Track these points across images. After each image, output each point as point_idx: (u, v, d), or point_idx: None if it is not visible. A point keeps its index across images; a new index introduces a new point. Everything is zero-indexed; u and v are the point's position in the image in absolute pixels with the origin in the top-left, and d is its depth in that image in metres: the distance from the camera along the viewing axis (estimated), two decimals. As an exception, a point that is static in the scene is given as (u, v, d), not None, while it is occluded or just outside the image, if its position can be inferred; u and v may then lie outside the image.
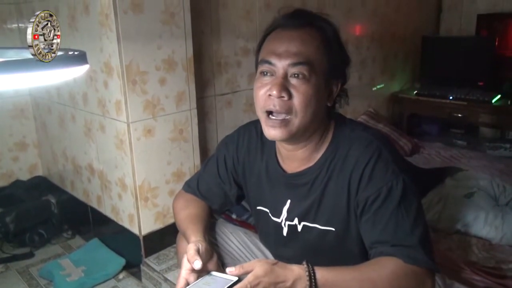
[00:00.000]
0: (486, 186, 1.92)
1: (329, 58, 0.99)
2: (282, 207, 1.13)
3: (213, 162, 1.26)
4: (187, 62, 1.84)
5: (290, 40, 0.97)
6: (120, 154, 1.80)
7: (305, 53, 0.95)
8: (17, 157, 2.48)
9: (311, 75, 0.95)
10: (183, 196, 1.30)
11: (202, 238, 1.08)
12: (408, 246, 0.93)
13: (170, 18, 1.75)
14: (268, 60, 0.97)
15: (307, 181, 1.06)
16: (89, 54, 1.89)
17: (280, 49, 0.96)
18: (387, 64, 3.27)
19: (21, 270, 2.03)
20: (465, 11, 3.40)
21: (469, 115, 2.95)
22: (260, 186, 1.18)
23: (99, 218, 2.11)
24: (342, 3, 2.73)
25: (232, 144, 1.23)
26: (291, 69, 0.95)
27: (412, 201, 0.97)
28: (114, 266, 1.94)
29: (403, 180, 0.96)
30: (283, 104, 0.95)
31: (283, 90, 0.94)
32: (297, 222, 1.10)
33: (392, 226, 0.95)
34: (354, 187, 0.99)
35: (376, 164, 0.97)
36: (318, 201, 1.05)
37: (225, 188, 1.25)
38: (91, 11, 1.73)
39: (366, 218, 0.98)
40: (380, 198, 0.96)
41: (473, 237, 1.78)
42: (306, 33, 0.98)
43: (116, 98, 1.72)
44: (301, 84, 0.95)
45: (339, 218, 1.03)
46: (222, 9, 2.10)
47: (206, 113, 2.14)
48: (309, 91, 0.95)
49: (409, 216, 0.95)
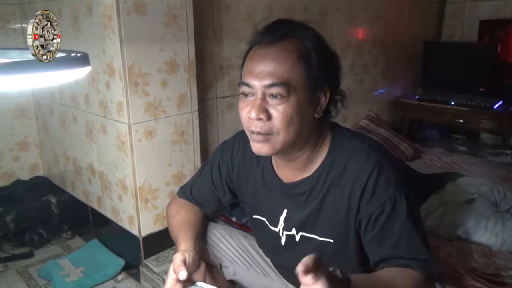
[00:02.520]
0: (487, 192, 1.92)
1: (310, 71, 0.95)
2: (279, 216, 1.12)
3: (207, 169, 1.26)
4: (189, 64, 1.84)
5: (265, 59, 0.94)
6: (121, 155, 1.80)
7: (281, 73, 0.93)
8: (18, 156, 2.48)
9: (290, 94, 0.93)
10: (177, 201, 1.29)
11: (191, 247, 1.07)
12: (423, 260, 0.92)
13: (173, 20, 1.75)
14: (246, 82, 0.96)
15: (304, 191, 1.05)
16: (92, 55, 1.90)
17: (256, 70, 0.94)
18: (389, 68, 3.27)
19: (20, 270, 2.03)
20: (467, 17, 3.41)
21: (470, 121, 2.94)
22: (256, 194, 1.17)
23: (99, 219, 2.11)
24: (344, 8, 2.73)
25: (227, 151, 1.22)
26: (268, 90, 0.93)
27: (416, 214, 0.97)
28: (114, 267, 1.93)
29: (405, 193, 0.96)
30: (263, 125, 0.95)
31: (261, 113, 0.93)
32: (294, 232, 1.10)
33: (404, 241, 0.93)
34: (355, 201, 0.98)
35: (378, 179, 0.96)
36: (316, 212, 1.04)
37: (218, 195, 1.25)
38: (94, 13, 1.73)
39: (372, 235, 0.96)
40: (384, 213, 0.95)
41: (473, 243, 1.78)
42: (282, 49, 0.94)
43: (117, 100, 1.73)
44: (279, 104, 0.93)
45: (338, 231, 1.03)
46: (225, 12, 2.10)
47: (207, 116, 2.14)
48: (288, 110, 0.93)
49: (418, 229, 0.95)
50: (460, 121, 2.97)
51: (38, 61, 0.58)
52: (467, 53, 3.16)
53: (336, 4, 2.67)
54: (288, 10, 2.39)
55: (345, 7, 2.74)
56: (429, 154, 2.89)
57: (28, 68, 0.56)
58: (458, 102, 2.96)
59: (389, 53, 3.21)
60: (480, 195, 1.91)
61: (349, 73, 2.86)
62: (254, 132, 0.96)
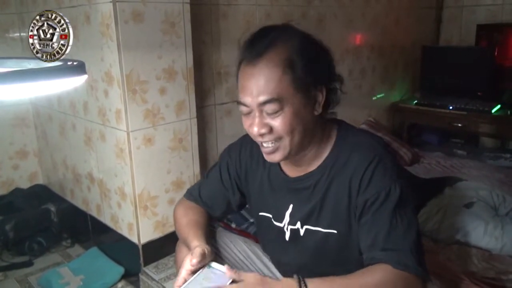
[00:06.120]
0: (486, 196, 1.92)
1: (299, 77, 0.97)
2: (285, 211, 1.15)
3: (216, 170, 1.29)
4: (187, 71, 1.85)
5: (253, 78, 0.97)
6: (120, 163, 1.80)
7: (271, 89, 0.95)
8: (18, 165, 2.49)
9: (283, 106, 0.97)
10: (184, 203, 1.31)
11: (205, 243, 1.09)
12: (398, 251, 0.95)
13: (171, 28, 1.76)
14: (242, 102, 1.00)
15: (309, 185, 1.09)
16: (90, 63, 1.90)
17: (248, 89, 0.98)
18: (387, 73, 3.28)
19: (20, 278, 2.02)
20: (465, 21, 3.43)
21: (469, 125, 2.95)
22: (262, 192, 1.20)
23: (98, 227, 2.10)
24: (342, 14, 2.75)
25: (235, 152, 1.26)
26: (262, 107, 0.98)
27: (407, 208, 1.00)
28: (113, 275, 1.93)
29: (400, 185, 1.00)
30: (268, 137, 1.00)
31: (262, 128, 0.98)
32: (299, 226, 1.12)
33: (385, 229, 0.97)
34: (355, 189, 1.02)
35: (376, 169, 1.00)
36: (320, 204, 1.07)
37: (228, 195, 1.27)
38: (92, 21, 1.74)
39: (364, 220, 1.01)
40: (378, 201, 0.99)
41: (473, 247, 1.78)
42: (267, 64, 0.96)
43: (116, 107, 1.73)
44: (276, 117, 0.98)
45: (341, 221, 1.06)
46: (223, 19, 2.12)
47: (206, 122, 2.14)
48: (286, 119, 0.98)
49: (403, 221, 0.98)
50: (458, 125, 2.98)
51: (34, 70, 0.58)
52: (465, 58, 3.18)
53: (334, 10, 2.69)
54: (286, 16, 2.40)
55: (343, 13, 2.76)
56: (428, 159, 2.89)
57: (24, 77, 0.56)
58: (456, 107, 2.97)
59: (387, 59, 3.23)
60: (479, 199, 1.91)
61: (348, 78, 2.86)
62: (263, 144, 1.03)
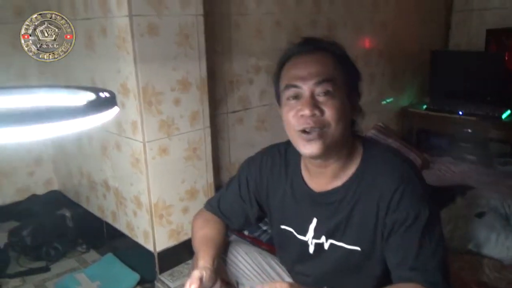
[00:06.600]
0: (497, 206, 1.94)
1: (346, 75, 1.05)
2: (308, 225, 1.15)
3: (235, 183, 1.30)
4: (201, 82, 1.88)
5: (308, 63, 1.03)
6: (136, 172, 1.84)
7: (326, 72, 1.02)
8: (33, 171, 2.53)
9: (335, 91, 1.01)
10: (203, 215, 1.33)
11: (209, 264, 1.11)
12: (428, 270, 0.98)
13: (185, 40, 1.79)
14: (294, 84, 1.03)
15: (335, 200, 1.10)
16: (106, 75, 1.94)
17: (302, 73, 1.02)
18: (396, 78, 3.29)
19: (37, 284, 2.07)
20: (474, 26, 3.42)
21: (478, 131, 2.96)
22: (284, 205, 1.21)
23: (114, 233, 2.14)
24: (352, 20, 2.76)
25: (255, 166, 1.27)
26: (316, 88, 1.01)
27: (435, 229, 1.02)
28: (129, 281, 1.97)
29: (430, 207, 1.01)
30: (316, 120, 1.00)
31: (314, 109, 0.99)
32: (324, 240, 1.13)
33: (415, 249, 0.99)
34: (383, 210, 1.03)
35: (406, 190, 1.01)
36: (345, 221, 1.08)
37: (246, 208, 1.29)
38: (108, 34, 1.78)
39: (393, 239, 1.02)
40: (407, 222, 1.00)
41: (484, 257, 1.79)
42: (322, 55, 1.05)
43: (132, 119, 1.77)
44: (328, 99, 1.01)
45: (365, 239, 1.07)
46: (235, 29, 2.15)
47: (218, 131, 2.18)
48: (338, 104, 1.01)
49: (432, 241, 1.00)
50: (468, 130, 2.99)
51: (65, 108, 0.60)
52: (474, 62, 3.17)
53: (344, 17, 2.71)
54: (296, 24, 2.43)
55: (352, 20, 2.77)
56: (438, 164, 2.89)
57: (55, 116, 0.58)
58: (466, 112, 2.98)
59: (396, 63, 3.24)
60: (490, 208, 1.92)
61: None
62: (306, 130, 1.01)
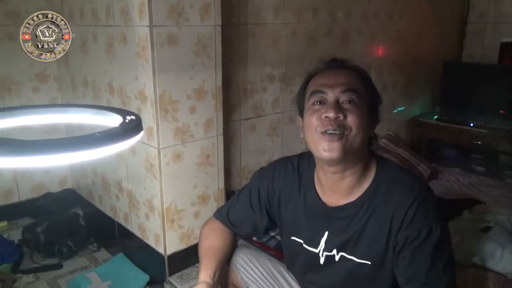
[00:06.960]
0: (503, 222, 1.95)
1: (368, 94, 1.11)
2: (320, 238, 1.19)
3: (246, 193, 1.33)
4: (216, 90, 1.92)
5: (337, 74, 1.11)
6: (150, 177, 1.88)
7: (352, 83, 1.08)
8: (49, 169, 2.59)
9: (359, 102, 1.07)
10: (211, 223, 1.37)
11: (210, 277, 1.18)
12: (439, 286, 1.02)
13: (202, 50, 1.83)
14: (320, 90, 1.09)
15: (348, 215, 1.13)
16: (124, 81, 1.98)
17: (329, 81, 1.09)
18: (408, 88, 3.31)
19: (50, 281, 2.12)
20: (488, 38, 3.43)
21: (489, 143, 2.97)
22: (296, 218, 1.24)
23: (125, 234, 2.19)
24: (366, 30, 2.79)
25: (267, 177, 1.30)
26: (342, 96, 1.06)
27: (446, 246, 1.06)
28: (139, 282, 2.02)
29: (442, 225, 1.05)
30: (339, 124, 1.04)
31: (338, 112, 1.04)
32: (335, 252, 1.16)
33: (426, 266, 1.03)
34: (396, 225, 1.06)
35: (419, 207, 1.04)
36: (357, 236, 1.11)
37: (255, 219, 1.32)
38: (129, 42, 1.82)
39: (403, 255, 1.05)
40: (419, 238, 1.03)
41: (489, 271, 1.81)
42: (349, 71, 1.13)
43: (148, 125, 1.81)
44: (352, 107, 1.06)
45: (376, 253, 1.10)
46: (251, 39, 2.18)
47: (231, 137, 2.22)
48: (360, 114, 1.06)
49: (443, 258, 1.04)
50: (478, 142, 3.00)
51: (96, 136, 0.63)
52: (487, 75, 3.18)
53: (358, 26, 2.74)
54: (311, 34, 2.46)
55: (367, 29, 2.80)
56: (447, 175, 2.90)
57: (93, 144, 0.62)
58: (477, 124, 3.00)
59: (408, 73, 3.26)
60: (496, 223, 1.94)
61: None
62: (328, 131, 1.04)
